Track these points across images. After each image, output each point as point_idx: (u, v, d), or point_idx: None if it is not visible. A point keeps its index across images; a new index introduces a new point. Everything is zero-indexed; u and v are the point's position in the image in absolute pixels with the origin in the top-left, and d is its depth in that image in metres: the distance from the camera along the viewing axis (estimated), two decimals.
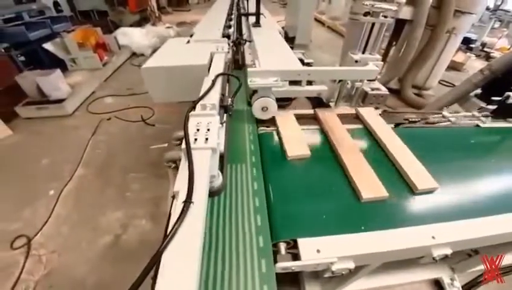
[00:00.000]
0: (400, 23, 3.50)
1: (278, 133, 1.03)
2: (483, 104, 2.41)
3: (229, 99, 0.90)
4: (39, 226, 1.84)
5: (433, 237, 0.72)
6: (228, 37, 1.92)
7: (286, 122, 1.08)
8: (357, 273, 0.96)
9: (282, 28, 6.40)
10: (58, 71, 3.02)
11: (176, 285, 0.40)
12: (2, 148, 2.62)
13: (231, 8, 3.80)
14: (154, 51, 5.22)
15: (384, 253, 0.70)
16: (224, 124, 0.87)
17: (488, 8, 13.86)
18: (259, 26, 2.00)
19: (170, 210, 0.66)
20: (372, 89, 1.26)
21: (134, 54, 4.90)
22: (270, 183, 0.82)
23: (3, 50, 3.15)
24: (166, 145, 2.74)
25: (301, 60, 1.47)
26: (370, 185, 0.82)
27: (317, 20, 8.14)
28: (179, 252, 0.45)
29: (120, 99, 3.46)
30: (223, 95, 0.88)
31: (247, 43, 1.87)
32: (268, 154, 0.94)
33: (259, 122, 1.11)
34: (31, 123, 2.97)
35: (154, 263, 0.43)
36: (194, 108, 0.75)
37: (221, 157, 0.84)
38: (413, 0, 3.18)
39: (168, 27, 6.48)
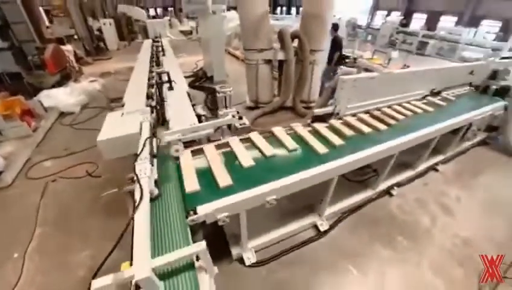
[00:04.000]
0: (281, 61, 4.94)
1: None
2: None
3: (155, 150, 1.72)
4: (14, 282, 2.17)
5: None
6: (150, 97, 2.73)
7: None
8: (242, 222, 1.86)
9: (202, 68, 7.49)
10: None
11: (139, 237, 1.18)
12: None
13: (151, 59, 4.62)
14: (83, 107, 5.50)
15: (239, 202, 1.62)
16: (155, 164, 1.68)
17: (360, 26, 18.23)
18: (172, 89, 2.87)
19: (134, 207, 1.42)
20: (241, 125, 2.26)
21: (62, 114, 5.10)
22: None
23: None
24: (116, 190, 3.24)
25: (199, 116, 2.38)
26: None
27: (232, 54, 9.60)
28: (138, 223, 1.23)
29: (59, 160, 3.75)
30: (151, 151, 1.70)
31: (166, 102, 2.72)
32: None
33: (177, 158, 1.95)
34: None
35: (127, 225, 1.20)
36: (136, 160, 1.55)
37: (156, 181, 1.64)
38: (283, 46, 4.64)
39: (92, 80, 6.77)
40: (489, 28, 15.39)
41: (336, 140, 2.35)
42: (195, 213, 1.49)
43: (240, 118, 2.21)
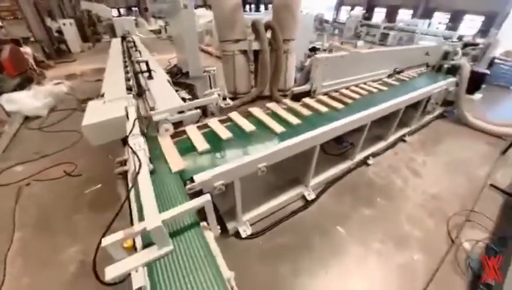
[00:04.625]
0: (257, 52, 5.06)
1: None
2: None
3: (144, 129, 1.74)
4: None
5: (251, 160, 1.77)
6: (130, 89, 2.69)
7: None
8: (236, 191, 1.94)
9: (176, 65, 7.37)
10: None
11: (145, 195, 1.22)
12: None
13: (124, 57, 4.47)
14: (51, 110, 5.15)
15: (233, 169, 1.70)
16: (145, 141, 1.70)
17: (327, 21, 19.01)
18: (152, 78, 2.85)
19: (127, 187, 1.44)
20: (225, 105, 2.34)
21: (28, 118, 4.73)
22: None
23: None
24: (100, 186, 3.14)
25: (183, 99, 2.41)
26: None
27: (205, 51, 9.54)
28: (142, 184, 1.27)
29: (31, 164, 3.51)
30: (142, 130, 1.71)
31: (147, 91, 2.69)
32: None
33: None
34: None
35: (132, 185, 1.24)
36: (127, 137, 1.56)
37: (150, 159, 1.67)
38: (257, 36, 4.77)
39: (58, 83, 6.33)
40: (441, 19, 17.00)
41: (294, 120, 2.44)
42: (192, 182, 1.55)
43: (224, 98, 2.28)
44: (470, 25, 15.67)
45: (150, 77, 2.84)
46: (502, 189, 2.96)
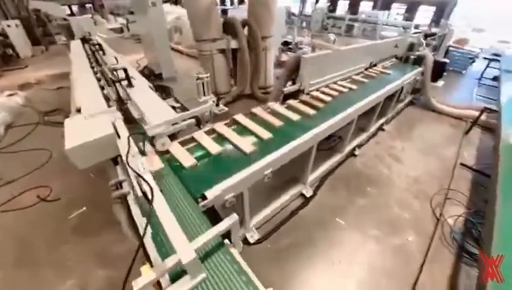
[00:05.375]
0: (234, 51, 4.95)
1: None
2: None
3: (141, 145, 1.62)
4: None
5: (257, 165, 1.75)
6: (107, 99, 2.47)
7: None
8: (245, 201, 1.92)
9: (146, 66, 6.94)
10: None
11: (168, 225, 1.14)
12: None
13: (91, 62, 4.10)
14: (8, 127, 4.54)
15: (242, 181, 1.67)
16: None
17: (294, 14, 19.18)
18: (133, 86, 2.64)
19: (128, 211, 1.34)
20: (220, 111, 2.27)
21: None
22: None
23: None
24: (84, 209, 2.88)
25: (173, 107, 2.29)
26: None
27: (175, 50, 9.11)
28: (161, 214, 1.18)
29: None
30: (139, 149, 1.59)
31: (129, 101, 2.50)
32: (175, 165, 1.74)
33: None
34: None
35: (149, 215, 1.15)
36: (126, 157, 1.44)
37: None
38: (235, 35, 4.67)
39: (11, 94, 5.60)
40: (398, 10, 18.24)
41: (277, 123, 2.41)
42: (204, 198, 1.49)
43: (217, 104, 2.21)
44: (425, 15, 17.00)
45: (130, 85, 2.63)
46: (470, 167, 3.33)
